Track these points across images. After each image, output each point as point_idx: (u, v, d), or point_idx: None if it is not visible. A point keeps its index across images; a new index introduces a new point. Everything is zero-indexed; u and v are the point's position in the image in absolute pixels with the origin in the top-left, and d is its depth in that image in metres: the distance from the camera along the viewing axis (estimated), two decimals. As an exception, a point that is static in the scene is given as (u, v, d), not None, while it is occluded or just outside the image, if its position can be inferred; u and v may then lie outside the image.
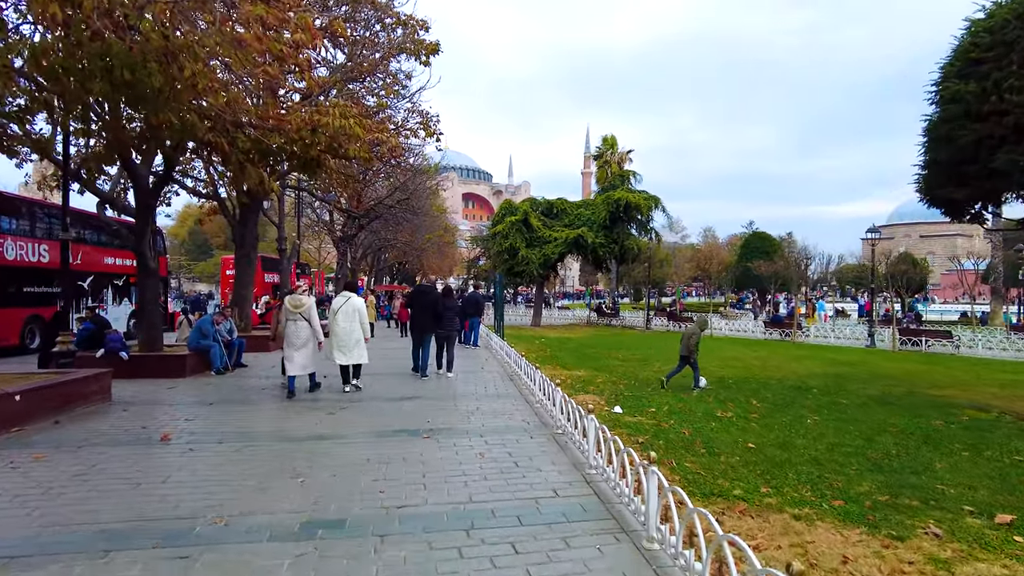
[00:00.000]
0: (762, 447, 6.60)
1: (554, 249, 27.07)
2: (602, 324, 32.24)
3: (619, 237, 27.01)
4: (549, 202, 29.95)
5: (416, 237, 39.84)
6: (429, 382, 10.76)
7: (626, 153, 51.70)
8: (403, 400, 8.94)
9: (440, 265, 58.11)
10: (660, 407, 8.77)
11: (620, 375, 12.26)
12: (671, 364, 14.02)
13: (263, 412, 8.21)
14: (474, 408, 8.29)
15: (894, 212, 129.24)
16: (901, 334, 20.62)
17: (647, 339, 22.56)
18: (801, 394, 10.27)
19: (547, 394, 7.74)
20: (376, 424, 7.34)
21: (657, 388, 10.52)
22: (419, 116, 17.02)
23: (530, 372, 9.41)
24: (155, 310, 12.67)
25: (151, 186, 12.46)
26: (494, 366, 13.03)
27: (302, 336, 9.44)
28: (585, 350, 17.42)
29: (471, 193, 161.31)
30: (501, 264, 28.16)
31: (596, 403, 9.09)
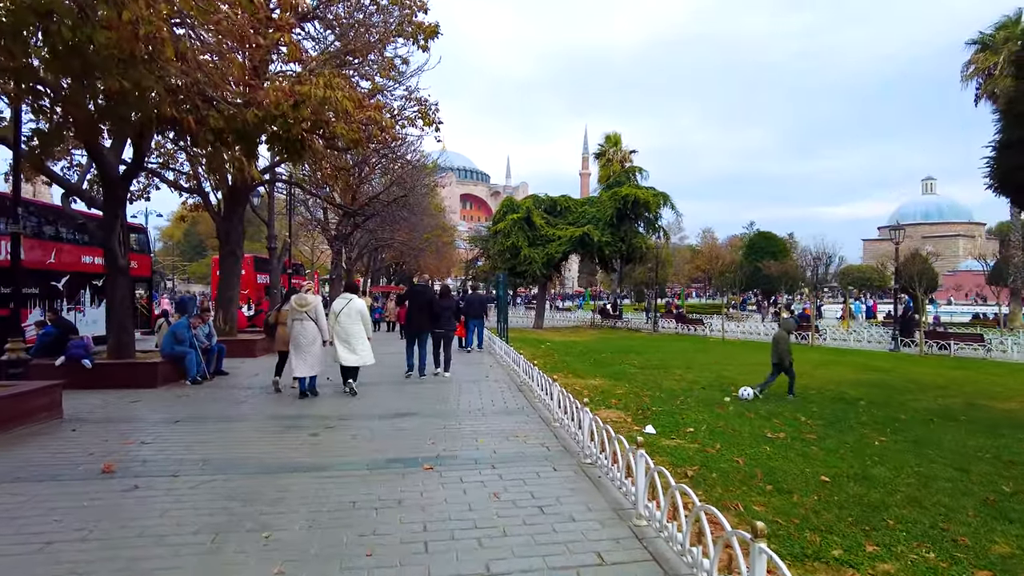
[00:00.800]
0: (838, 481, 5.41)
1: (558, 248, 25.87)
2: (606, 326, 31.07)
3: (626, 235, 25.81)
4: (552, 199, 28.74)
5: (413, 236, 38.60)
6: (427, 394, 9.58)
7: (629, 152, 50.55)
8: (399, 417, 7.74)
9: (438, 266, 56.83)
10: (698, 426, 7.58)
11: (641, 385, 11.07)
12: (694, 372, 12.93)
13: (236, 432, 7.00)
14: (482, 428, 7.09)
15: (895, 212, 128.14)
16: (927, 337, 19.47)
17: (658, 343, 21.37)
18: (850, 408, 9.08)
19: (569, 412, 6.55)
20: (367, 450, 6.14)
21: (688, 402, 9.33)
22: (416, 104, 15.80)
23: (545, 383, 8.24)
24: (126, 312, 11.43)
25: (121, 176, 11.24)
26: (499, 374, 11.84)
27: (308, 336, 9.26)
28: (595, 355, 16.23)
29: (469, 194, 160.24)
30: (502, 264, 26.97)
31: (621, 420, 7.90)
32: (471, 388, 10.07)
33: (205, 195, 16.33)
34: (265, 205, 21.92)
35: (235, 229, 16.30)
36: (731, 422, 7.89)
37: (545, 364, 13.75)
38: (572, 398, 6.43)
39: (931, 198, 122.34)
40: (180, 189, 16.25)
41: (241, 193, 16.33)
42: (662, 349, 18.67)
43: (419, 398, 9.18)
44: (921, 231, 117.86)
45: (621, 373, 12.53)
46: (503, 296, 16.37)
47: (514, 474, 5.28)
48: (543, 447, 6.21)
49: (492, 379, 11.19)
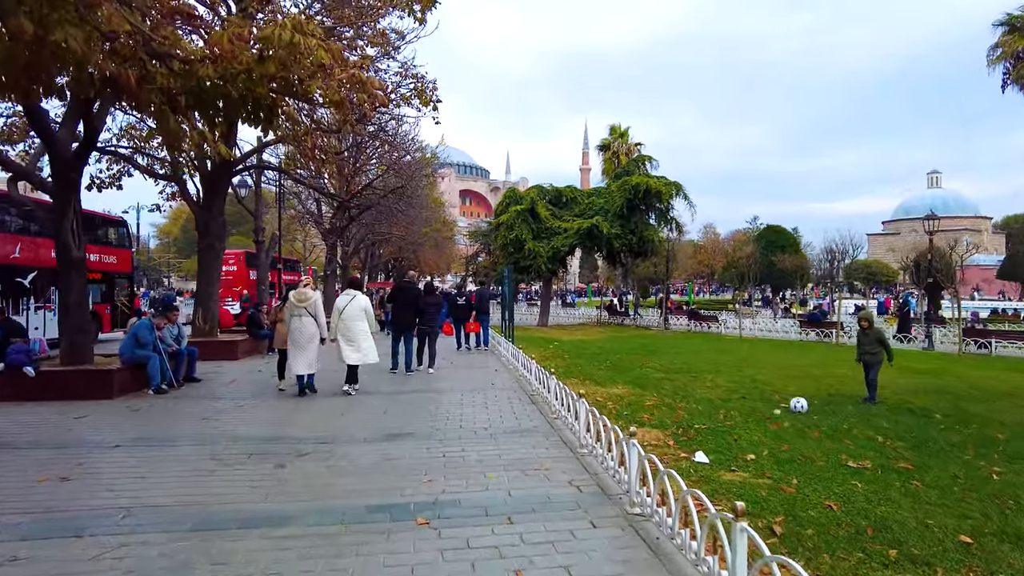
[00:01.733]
0: (984, 541, 3.98)
1: (564, 241, 24.40)
2: (614, 324, 29.66)
3: (637, 227, 24.32)
4: (558, 190, 27.24)
5: (412, 231, 37.16)
6: (424, 406, 8.17)
7: (635, 145, 49.05)
8: (390, 440, 6.34)
9: (437, 261, 55.31)
10: (757, 450, 6.17)
11: (671, 394, 9.66)
12: (724, 376, 11.51)
13: (186, 461, 5.60)
14: (491, 455, 5.69)
15: (899, 207, 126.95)
16: (966, 335, 18.07)
17: (673, 342, 19.96)
18: (927, 423, 7.66)
19: (604, 440, 5.14)
20: (345, 491, 4.75)
21: (732, 416, 7.91)
22: (413, 80, 14.37)
23: (561, 393, 6.83)
24: (81, 312, 10.03)
25: (73, 154, 9.81)
26: (506, 380, 10.44)
27: (307, 332, 8.99)
28: (610, 357, 14.81)
29: (468, 190, 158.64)
30: (505, 258, 25.54)
31: (661, 443, 6.50)
32: (475, 399, 8.67)
33: (182, 182, 14.92)
34: (253, 196, 20.50)
35: (215, 220, 14.89)
36: (794, 444, 6.48)
37: (557, 368, 12.34)
38: (607, 422, 5.02)
39: (937, 192, 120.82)
40: (154, 176, 14.82)
41: (221, 180, 14.92)
42: (680, 349, 17.26)
43: (415, 412, 7.77)
44: (927, 225, 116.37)
45: (644, 379, 11.12)
46: (509, 292, 14.95)
47: (539, 532, 3.88)
48: (572, 486, 4.81)
49: (499, 387, 9.79)
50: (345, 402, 8.55)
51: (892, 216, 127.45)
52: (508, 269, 14.79)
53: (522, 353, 10.79)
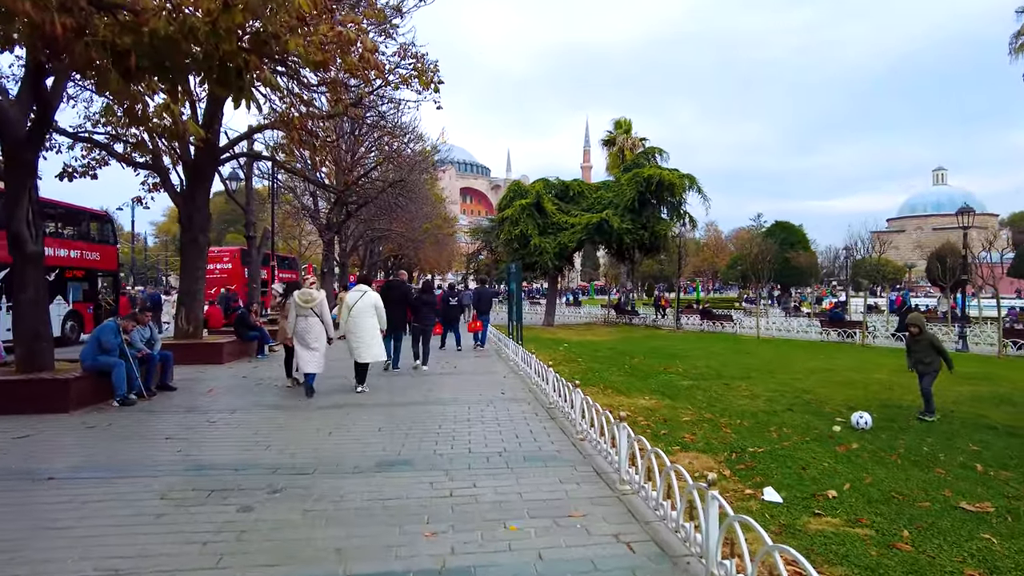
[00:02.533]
0: None
1: (571, 237, 23.21)
2: (623, 323, 28.51)
3: (648, 222, 23.11)
4: (564, 183, 26.06)
5: (412, 227, 36.02)
6: (426, 423, 7.00)
7: (639, 139, 47.89)
8: (383, 471, 5.19)
9: (438, 259, 54.10)
10: (835, 483, 5.02)
11: (706, 405, 8.51)
12: (759, 383, 10.34)
13: (123, 503, 4.46)
14: (510, 495, 4.54)
15: (904, 204, 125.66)
16: (1006, 335, 16.90)
17: (690, 343, 18.81)
18: (1022, 443, 6.50)
19: (652, 476, 4.00)
20: (321, 552, 3.60)
21: (787, 434, 6.74)
22: (413, 60, 13.21)
23: (585, 408, 5.69)
24: (38, 314, 8.87)
25: (27, 134, 8.66)
26: (517, 388, 9.31)
27: (314, 332, 8.95)
28: (627, 360, 13.67)
29: (469, 188, 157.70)
30: (509, 255, 24.40)
31: (714, 470, 5.34)
32: (484, 412, 7.53)
33: (164, 171, 13.77)
34: (245, 190, 19.36)
35: (199, 212, 13.76)
36: (876, 473, 5.32)
37: (571, 373, 11.21)
38: (664, 457, 3.87)
39: (942, 189, 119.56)
40: (133, 164, 13.67)
41: (206, 170, 13.79)
42: (699, 351, 16.12)
43: (414, 430, 6.62)
44: (932, 223, 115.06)
45: (671, 387, 9.96)
46: (518, 290, 13.77)
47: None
48: (620, 542, 3.66)
49: (510, 397, 8.65)
50: (335, 416, 7.41)
51: (897, 213, 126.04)
52: (515, 265, 13.62)
53: (536, 359, 9.63)
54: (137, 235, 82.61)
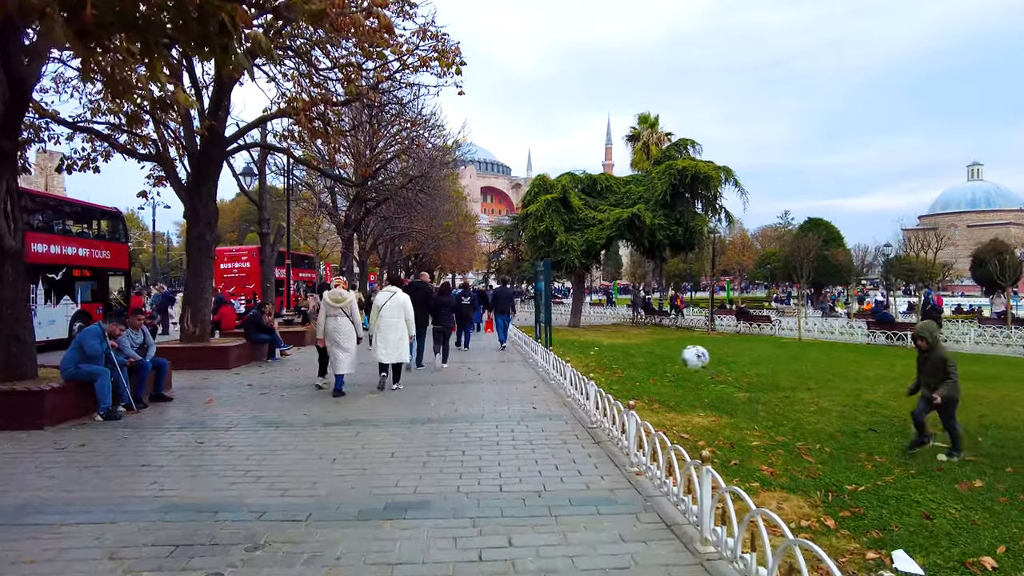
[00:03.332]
0: None
1: (600, 233, 22.00)
2: (651, 324, 27.24)
3: (682, 217, 21.81)
4: (592, 177, 24.87)
5: (433, 225, 35.08)
6: (448, 448, 5.92)
7: (665, 134, 46.44)
8: (392, 517, 4.12)
9: (459, 258, 53.11)
10: (984, 543, 3.83)
11: (772, 424, 7.32)
12: (822, 394, 9.11)
13: (63, 560, 3.45)
14: (560, 559, 3.44)
15: (937, 200, 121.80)
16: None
17: (730, 347, 17.54)
18: None
19: (764, 558, 2.86)
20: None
21: (891, 469, 5.51)
22: (433, 41, 12.17)
23: (642, 436, 4.57)
24: (18, 316, 7.98)
25: (2, 118, 7.76)
26: (550, 401, 8.22)
27: (344, 332, 8.87)
28: (667, 366, 12.49)
29: (489, 187, 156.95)
30: (534, 252, 23.28)
31: (813, 519, 4.19)
32: (516, 433, 6.44)
33: (169, 163, 12.87)
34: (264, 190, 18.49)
35: (205, 207, 12.87)
36: None
37: (609, 382, 10.08)
38: (798, 540, 2.75)
39: (978, 184, 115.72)
40: (136, 156, 12.79)
41: (213, 161, 12.88)
42: (744, 356, 14.89)
43: (434, 458, 5.54)
44: (967, 219, 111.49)
45: (726, 401, 8.76)
46: (546, 290, 12.59)
47: None
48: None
49: (542, 412, 7.56)
50: (342, 436, 6.39)
51: (928, 211, 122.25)
52: (545, 262, 12.48)
53: (570, 367, 8.49)
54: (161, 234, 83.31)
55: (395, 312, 9.17)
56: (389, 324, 9.09)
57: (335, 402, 8.37)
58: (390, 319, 9.11)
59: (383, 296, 9.36)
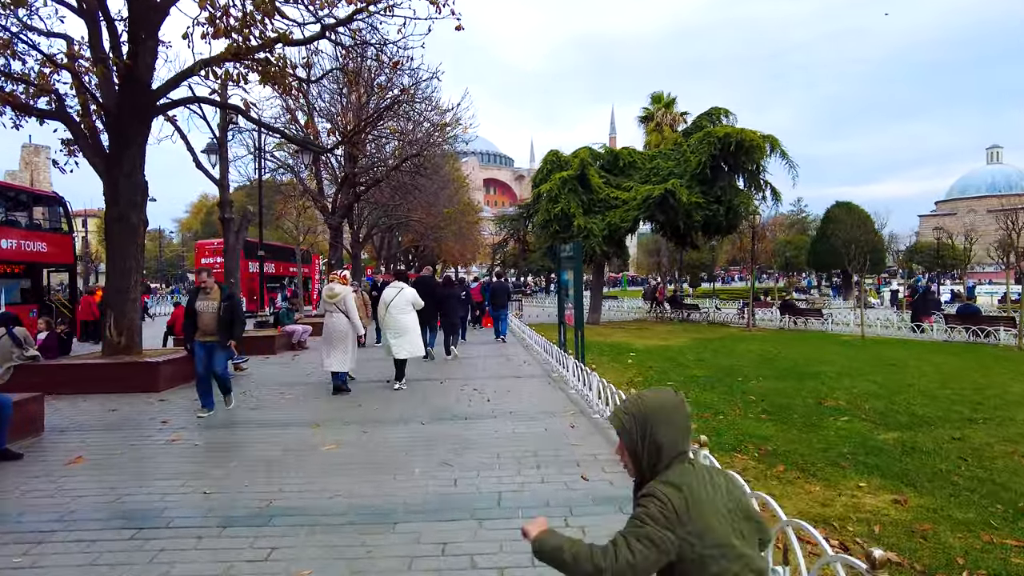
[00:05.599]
0: None
1: (625, 215, 18.78)
2: (677, 319, 24.10)
3: (723, 194, 18.58)
4: (613, 152, 21.63)
5: (432, 213, 31.95)
6: None
7: (681, 114, 43.10)
8: None
9: (462, 250, 49.93)
10: None
11: (987, 499, 4.24)
12: (1011, 431, 6.02)
13: None
14: None
15: (954, 186, 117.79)
16: None
17: (789, 346, 14.44)
18: None
19: None
20: None
21: None
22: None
23: None
24: None
25: None
26: (607, 462, 5.11)
27: (339, 329, 8.45)
28: (739, 383, 9.38)
29: (492, 179, 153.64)
30: (547, 238, 20.16)
31: None
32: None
33: (71, 122, 9.77)
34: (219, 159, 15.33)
35: (128, 178, 9.85)
36: None
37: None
38: None
39: (997, 168, 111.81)
40: (28, 111, 9.66)
41: (133, 120, 9.80)
42: (820, 361, 11.80)
43: None
44: (987, 204, 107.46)
45: (878, 452, 5.57)
46: (576, 282, 9.24)
47: None
48: None
49: (597, 477, 4.49)
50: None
51: (946, 196, 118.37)
52: (575, 244, 9.23)
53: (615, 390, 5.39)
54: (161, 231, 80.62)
55: (403, 308, 8.95)
56: (398, 320, 8.90)
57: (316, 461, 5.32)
58: (398, 315, 8.91)
59: (390, 292, 9.09)
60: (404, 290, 9.10)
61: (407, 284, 9.34)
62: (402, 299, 8.99)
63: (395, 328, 8.87)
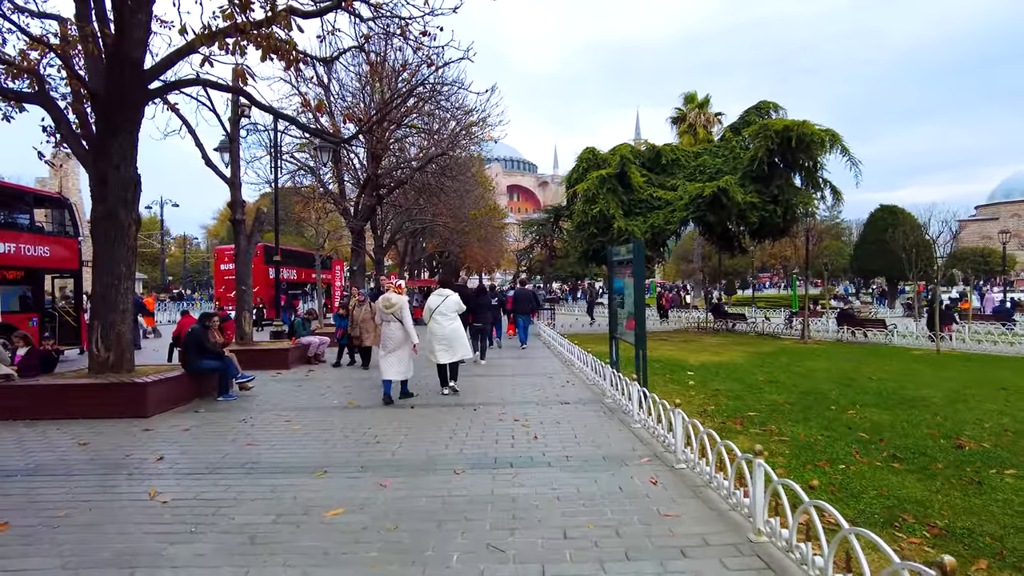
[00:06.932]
0: None
1: (670, 216, 17.16)
2: (720, 330, 22.34)
3: (780, 193, 16.85)
4: (655, 148, 20.02)
5: (458, 217, 30.61)
6: None
7: (715, 115, 41.31)
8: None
9: (486, 256, 48.52)
10: None
11: None
12: None
13: None
14: None
15: (997, 189, 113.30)
16: None
17: (863, 363, 12.72)
18: None
19: None
20: None
21: None
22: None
23: None
24: None
25: None
26: (712, 539, 3.58)
27: (395, 338, 8.69)
28: (835, 413, 7.76)
29: (516, 185, 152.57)
30: (583, 241, 18.62)
31: None
32: None
33: (53, 105, 8.55)
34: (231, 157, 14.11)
35: (116, 171, 8.60)
36: None
37: (786, 464, 5.40)
38: None
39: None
40: (6, 96, 8.47)
41: (123, 105, 8.54)
42: (910, 382, 10.11)
43: None
44: None
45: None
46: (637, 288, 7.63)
47: None
48: None
49: (719, 570, 2.96)
50: None
51: (988, 199, 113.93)
52: (635, 245, 7.62)
53: (704, 429, 3.84)
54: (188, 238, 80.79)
55: (449, 314, 9.09)
56: (444, 326, 9.01)
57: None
58: (444, 322, 9.03)
59: (435, 299, 9.19)
60: (449, 297, 9.16)
61: (452, 292, 9.36)
62: (448, 306, 9.09)
63: (442, 334, 8.96)
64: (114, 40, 8.09)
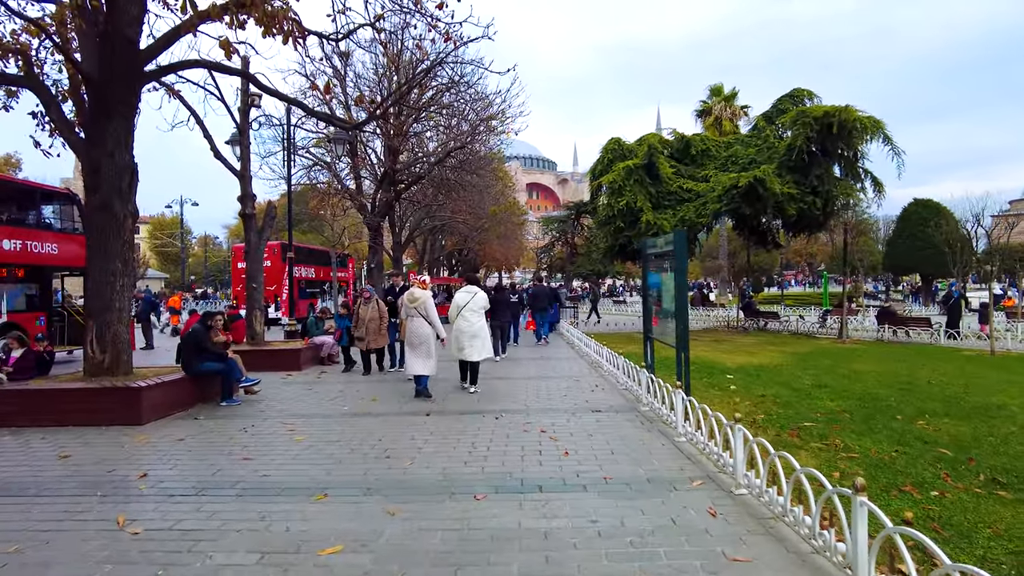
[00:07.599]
0: None
1: (702, 208, 16.21)
2: (752, 328, 21.32)
3: (820, 184, 15.79)
4: (684, 138, 19.05)
5: (477, 214, 29.92)
6: None
7: (742, 108, 40.13)
8: None
9: (506, 254, 47.77)
10: None
11: None
12: None
13: None
14: None
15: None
16: None
17: (916, 364, 11.74)
18: None
19: None
20: None
21: None
22: None
23: None
24: None
25: None
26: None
27: (420, 333, 8.59)
28: (906, 426, 6.87)
29: (535, 183, 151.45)
30: (608, 236, 17.76)
31: None
32: None
33: (42, 88, 7.97)
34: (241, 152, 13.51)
35: (111, 159, 7.98)
36: None
37: (877, 494, 4.56)
38: None
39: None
40: (-8, 77, 7.91)
41: (118, 89, 7.92)
42: (974, 386, 9.15)
43: None
44: None
45: None
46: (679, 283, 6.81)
47: None
48: None
49: None
50: None
51: (1021, 195, 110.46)
52: (678, 234, 6.78)
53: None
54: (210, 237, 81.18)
55: (476, 313, 9.02)
56: (472, 323, 8.93)
57: None
58: (472, 319, 8.95)
59: (463, 297, 9.10)
60: (477, 295, 9.09)
61: (480, 290, 9.29)
62: (476, 303, 9.02)
63: (471, 332, 8.88)
64: (106, 16, 7.47)
